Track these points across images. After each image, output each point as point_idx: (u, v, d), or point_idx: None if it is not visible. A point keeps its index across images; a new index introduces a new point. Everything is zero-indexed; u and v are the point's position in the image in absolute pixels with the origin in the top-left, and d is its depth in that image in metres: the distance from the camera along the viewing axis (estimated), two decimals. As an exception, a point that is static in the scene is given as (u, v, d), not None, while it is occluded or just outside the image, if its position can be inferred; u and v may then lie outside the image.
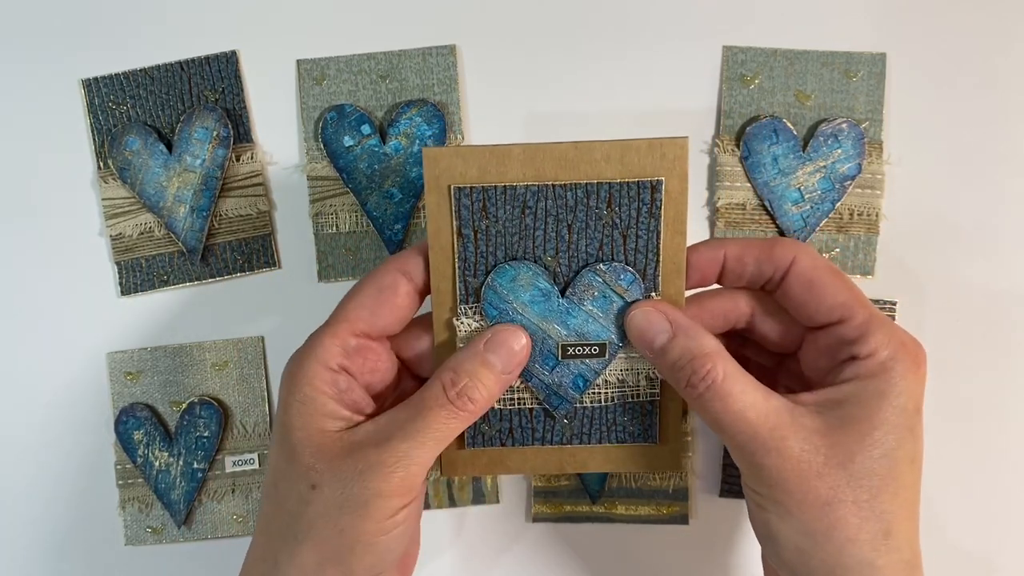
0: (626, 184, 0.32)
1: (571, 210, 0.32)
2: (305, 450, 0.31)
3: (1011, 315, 0.43)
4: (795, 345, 0.35)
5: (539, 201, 0.32)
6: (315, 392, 0.32)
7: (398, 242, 0.44)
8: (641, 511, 0.43)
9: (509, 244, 0.33)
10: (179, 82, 0.44)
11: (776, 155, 0.43)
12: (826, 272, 0.32)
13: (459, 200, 0.32)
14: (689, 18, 0.44)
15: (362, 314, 0.33)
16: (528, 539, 0.44)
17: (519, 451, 0.36)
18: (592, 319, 0.33)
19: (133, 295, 0.45)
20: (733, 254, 0.34)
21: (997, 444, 0.43)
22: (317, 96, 0.44)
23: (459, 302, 0.33)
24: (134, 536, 0.45)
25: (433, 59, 0.44)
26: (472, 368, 0.32)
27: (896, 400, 0.30)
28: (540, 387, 0.34)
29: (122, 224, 0.45)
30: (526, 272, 0.33)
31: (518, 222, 0.32)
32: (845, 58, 0.43)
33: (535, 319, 0.33)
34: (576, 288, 0.33)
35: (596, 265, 0.33)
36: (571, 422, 0.35)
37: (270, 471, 0.33)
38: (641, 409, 0.35)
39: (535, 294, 0.33)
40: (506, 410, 0.35)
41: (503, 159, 0.32)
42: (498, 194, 0.32)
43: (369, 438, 0.31)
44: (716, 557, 0.44)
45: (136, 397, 0.45)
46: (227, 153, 0.44)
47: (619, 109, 0.44)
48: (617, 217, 0.32)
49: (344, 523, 0.30)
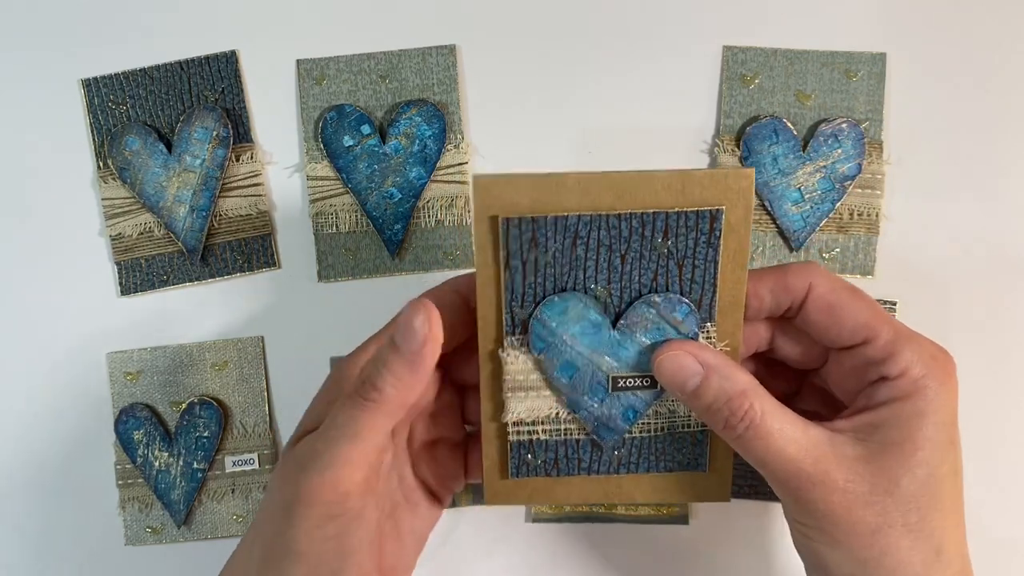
0: (684, 214, 0.30)
1: (625, 240, 0.31)
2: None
3: (1011, 315, 0.43)
4: (819, 361, 0.34)
5: (591, 231, 0.31)
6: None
7: (398, 242, 0.44)
8: (641, 511, 0.43)
9: (559, 275, 0.31)
10: (179, 82, 0.44)
11: (776, 155, 0.43)
12: (845, 293, 0.32)
13: (508, 231, 0.30)
14: (689, 18, 0.44)
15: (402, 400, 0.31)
16: (528, 539, 0.44)
17: (564, 481, 0.35)
18: (645, 352, 0.32)
19: (133, 295, 0.45)
20: (748, 290, 0.32)
21: (995, 444, 0.43)
22: (317, 96, 0.44)
23: (505, 334, 0.32)
24: (134, 536, 0.45)
25: (433, 59, 0.44)
26: (377, 354, 0.30)
27: (935, 417, 0.30)
28: (589, 419, 0.33)
29: (122, 224, 0.45)
30: (576, 304, 0.32)
31: (569, 253, 0.31)
32: (845, 58, 0.43)
33: (585, 351, 0.32)
34: (628, 319, 0.32)
35: (650, 296, 0.32)
36: (619, 452, 0.34)
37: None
38: (692, 438, 0.34)
39: (585, 326, 0.32)
40: (551, 440, 0.34)
41: (557, 189, 0.30)
42: (549, 224, 0.30)
43: (304, 443, 0.30)
44: (716, 557, 0.44)
45: (136, 397, 0.45)
46: (227, 153, 0.44)
47: (619, 109, 0.44)
48: (673, 247, 0.31)
49: (279, 526, 0.30)
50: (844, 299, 0.32)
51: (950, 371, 0.31)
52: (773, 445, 0.29)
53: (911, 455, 0.29)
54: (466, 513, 0.44)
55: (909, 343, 0.31)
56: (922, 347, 0.31)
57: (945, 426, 0.30)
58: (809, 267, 0.32)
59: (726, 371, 0.30)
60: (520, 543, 0.44)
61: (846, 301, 0.31)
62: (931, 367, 0.30)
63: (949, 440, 0.30)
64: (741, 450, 0.31)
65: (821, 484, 0.29)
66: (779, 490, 0.31)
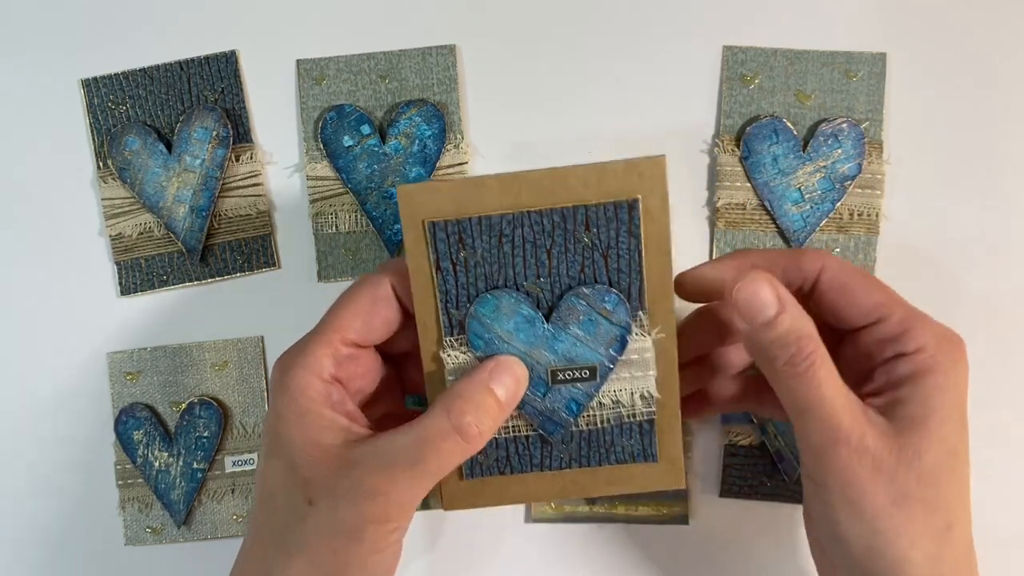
0: (603, 206, 0.32)
1: (549, 235, 0.32)
2: (304, 464, 0.31)
3: (1012, 315, 0.43)
4: (831, 344, 0.34)
5: (516, 229, 0.32)
6: (311, 404, 0.32)
7: (398, 242, 0.44)
8: (641, 511, 0.43)
9: (489, 274, 0.33)
10: (179, 82, 0.44)
11: (776, 155, 0.42)
12: (857, 275, 0.33)
13: (435, 235, 0.32)
14: (689, 18, 0.44)
15: (355, 324, 0.33)
16: (528, 539, 0.44)
17: (519, 479, 0.35)
18: (580, 343, 0.33)
19: (133, 295, 0.45)
20: (760, 267, 0.33)
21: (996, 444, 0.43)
22: (317, 96, 0.44)
23: (444, 335, 0.33)
24: (134, 536, 0.45)
25: (433, 59, 0.44)
26: (480, 399, 0.32)
27: (952, 393, 0.31)
28: (533, 414, 0.34)
29: (122, 224, 0.45)
30: (508, 300, 0.33)
31: (496, 252, 0.32)
32: (845, 58, 0.43)
33: (521, 347, 0.33)
34: (560, 313, 0.33)
35: (579, 288, 0.33)
36: (568, 446, 0.35)
37: (266, 479, 0.32)
38: (639, 428, 0.34)
39: (519, 321, 0.33)
40: (501, 439, 0.35)
41: (479, 191, 0.32)
42: (473, 225, 0.32)
43: (368, 460, 0.31)
44: (716, 557, 0.44)
45: (136, 397, 0.45)
46: (227, 153, 0.44)
47: (619, 108, 0.44)
48: (596, 239, 0.32)
49: (338, 544, 0.30)
50: (856, 279, 0.33)
51: (962, 351, 0.32)
52: (827, 392, 0.30)
53: (934, 431, 0.30)
54: (466, 513, 0.44)
55: (922, 321, 0.32)
56: (935, 327, 0.32)
57: (961, 405, 0.31)
58: (822, 252, 0.34)
59: (797, 311, 0.31)
60: (520, 543, 0.44)
61: (858, 281, 0.33)
62: (945, 345, 0.31)
63: (963, 419, 0.31)
64: (789, 391, 0.31)
65: (854, 446, 0.30)
66: (810, 441, 0.31)
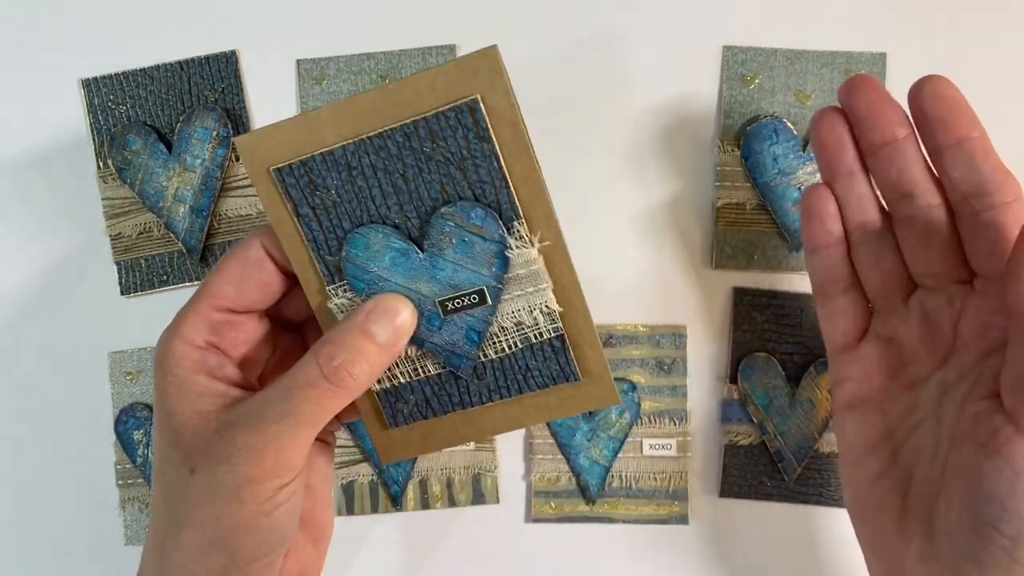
0: (442, 114, 0.29)
1: (397, 158, 0.30)
2: (185, 435, 0.30)
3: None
4: None
5: (361, 158, 0.30)
6: (186, 373, 0.31)
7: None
8: (641, 511, 0.43)
9: (351, 212, 0.31)
10: (179, 82, 0.44)
11: (776, 155, 0.43)
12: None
13: (284, 181, 0.30)
14: (689, 18, 0.44)
15: (225, 290, 0.32)
16: (528, 539, 0.44)
17: (446, 421, 0.33)
18: (460, 267, 0.31)
19: (133, 295, 0.45)
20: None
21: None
22: (317, 96, 0.44)
23: (326, 284, 0.32)
24: (134, 536, 0.45)
25: (433, 59, 0.44)
26: (352, 341, 0.30)
27: None
28: (435, 350, 0.32)
29: (122, 224, 0.45)
30: (376, 236, 0.31)
31: (350, 186, 0.30)
32: (845, 58, 0.43)
33: (403, 281, 0.31)
34: (432, 239, 0.30)
35: (442, 209, 0.30)
36: (484, 380, 0.32)
37: (156, 457, 0.32)
38: (550, 347, 0.32)
39: (394, 256, 0.31)
40: (413, 382, 0.33)
41: (313, 126, 0.30)
42: (319, 164, 0.30)
43: (241, 419, 0.30)
44: (716, 557, 0.44)
45: (136, 397, 0.45)
46: (227, 153, 0.44)
47: (619, 108, 0.44)
48: (447, 151, 0.29)
49: (220, 508, 0.30)
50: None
51: None
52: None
53: None
54: (466, 513, 0.44)
55: None
56: None
57: None
58: None
59: None
60: (520, 543, 0.44)
61: None
62: None
63: None
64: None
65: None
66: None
